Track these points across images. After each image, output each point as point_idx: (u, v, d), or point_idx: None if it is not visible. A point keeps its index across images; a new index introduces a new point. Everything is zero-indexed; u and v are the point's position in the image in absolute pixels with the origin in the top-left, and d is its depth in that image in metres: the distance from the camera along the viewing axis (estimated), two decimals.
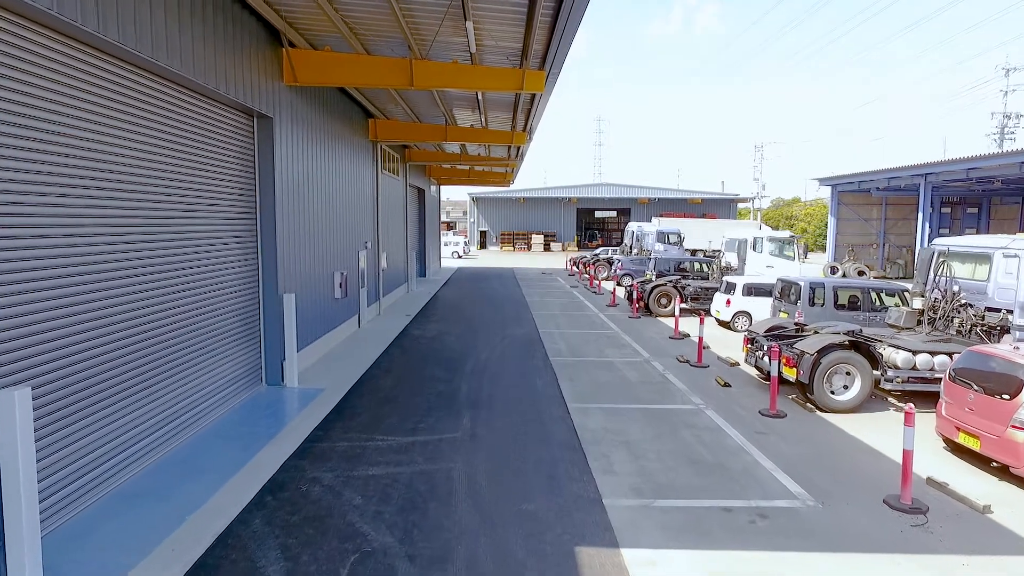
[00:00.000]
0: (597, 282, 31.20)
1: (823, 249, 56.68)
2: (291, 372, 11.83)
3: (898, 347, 11.12)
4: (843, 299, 15.16)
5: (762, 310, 18.64)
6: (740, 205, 75.08)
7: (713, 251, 42.98)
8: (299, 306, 12.76)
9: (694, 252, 39.06)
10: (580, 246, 69.96)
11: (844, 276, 36.32)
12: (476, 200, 71.90)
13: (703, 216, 64.16)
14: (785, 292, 16.08)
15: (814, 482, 7.97)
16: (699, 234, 41.94)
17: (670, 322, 20.45)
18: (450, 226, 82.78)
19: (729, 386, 12.59)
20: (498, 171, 35.43)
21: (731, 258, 23.42)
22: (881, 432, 9.96)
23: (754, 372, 13.58)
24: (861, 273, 36.46)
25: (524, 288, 30.45)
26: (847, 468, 8.49)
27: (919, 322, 12.67)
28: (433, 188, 38.20)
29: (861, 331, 11.78)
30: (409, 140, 20.65)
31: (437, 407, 10.81)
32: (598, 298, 27.11)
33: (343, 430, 9.52)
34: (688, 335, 18.11)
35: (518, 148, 24.39)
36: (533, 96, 15.13)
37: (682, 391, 12.22)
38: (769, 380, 12.67)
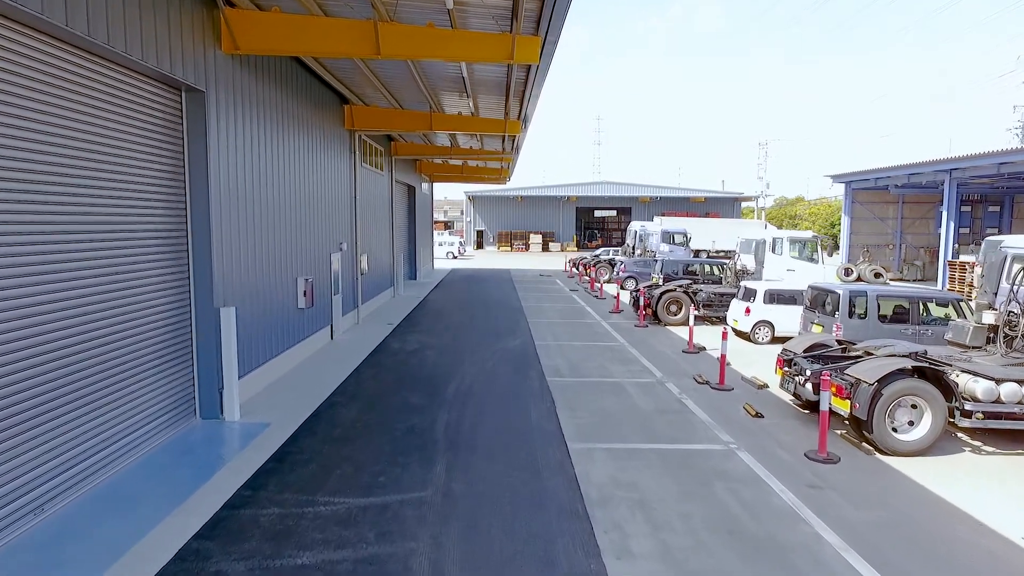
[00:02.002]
0: (599, 285, 29.11)
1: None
2: (231, 403, 9.72)
3: (975, 374, 9.02)
4: (886, 310, 13.07)
5: (786, 320, 16.56)
6: (744, 204, 72.98)
7: (717, 252, 40.91)
8: (246, 320, 10.66)
9: (697, 253, 37.00)
10: (579, 246, 67.89)
11: (859, 279, 34.22)
12: (472, 199, 69.79)
13: (706, 215, 62.15)
14: (818, 301, 13.99)
15: (906, 572, 5.87)
16: (703, 234, 39.85)
17: (681, 332, 18.35)
18: (447, 225, 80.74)
19: (761, 417, 10.50)
20: (493, 166, 33.29)
21: (747, 260, 21.32)
22: (967, 486, 7.86)
23: (787, 397, 11.50)
24: (878, 275, 34.03)
25: (520, 292, 28.35)
26: (944, 546, 6.38)
27: (989, 340, 10.57)
28: (425, 185, 36.07)
29: (926, 352, 9.68)
30: (390, 129, 18.54)
31: (406, 449, 8.70)
32: (600, 303, 25.01)
33: (279, 487, 7.40)
34: (704, 348, 16.01)
35: (513, 139, 22.27)
36: (527, 73, 13.01)
37: (706, 424, 10.12)
38: (809, 409, 10.61)
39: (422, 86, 15.16)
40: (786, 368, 10.54)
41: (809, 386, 9.82)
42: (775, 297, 16.79)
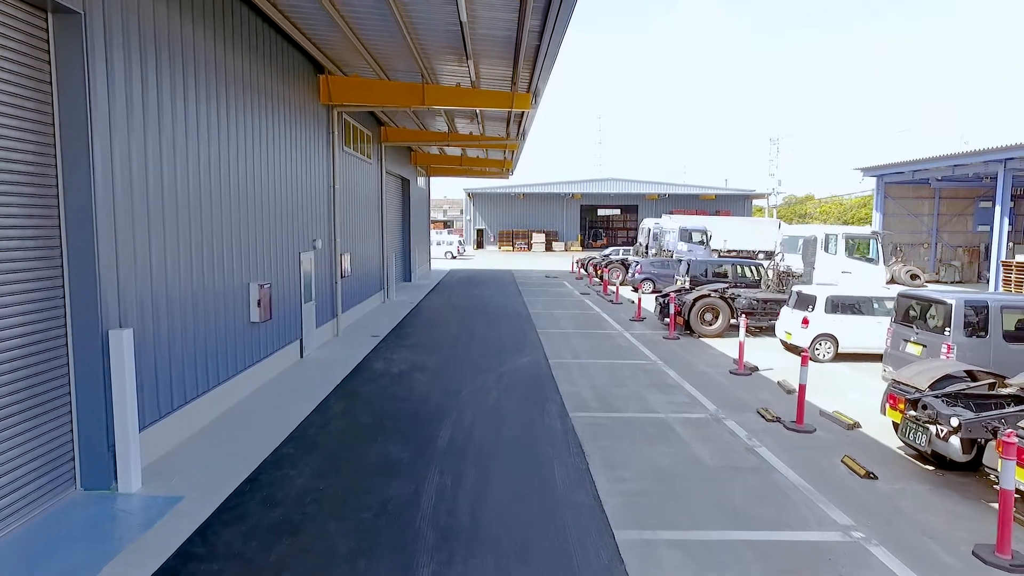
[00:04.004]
0: (612, 288, 26.21)
1: None
2: (127, 466, 6.77)
3: None
4: (1010, 325, 10.15)
5: (854, 333, 13.69)
6: (755, 202, 70.10)
7: (729, 251, 38.11)
8: (166, 343, 7.75)
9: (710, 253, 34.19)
10: (584, 246, 64.97)
11: (893, 280, 31.43)
12: (472, 196, 66.77)
13: (715, 213, 59.29)
14: (913, 313, 11.04)
15: None
16: (714, 232, 36.96)
17: (720, 346, 15.47)
18: (446, 224, 77.76)
19: (874, 477, 7.57)
20: (495, 157, 30.37)
21: (792, 261, 18.41)
22: None
23: (893, 442, 8.60)
24: (914, 276, 31.55)
25: (526, 296, 25.40)
26: None
27: None
28: (421, 180, 33.16)
29: None
30: (375, 103, 15.60)
31: (374, 545, 5.77)
32: (617, 309, 22.07)
33: None
34: (756, 368, 13.09)
35: (519, 121, 19.36)
36: (543, 20, 10.09)
37: (802, 492, 7.18)
38: (937, 463, 7.72)
39: (412, 47, 12.24)
40: (911, 412, 7.60)
41: (955, 441, 6.90)
42: (840, 305, 13.86)
